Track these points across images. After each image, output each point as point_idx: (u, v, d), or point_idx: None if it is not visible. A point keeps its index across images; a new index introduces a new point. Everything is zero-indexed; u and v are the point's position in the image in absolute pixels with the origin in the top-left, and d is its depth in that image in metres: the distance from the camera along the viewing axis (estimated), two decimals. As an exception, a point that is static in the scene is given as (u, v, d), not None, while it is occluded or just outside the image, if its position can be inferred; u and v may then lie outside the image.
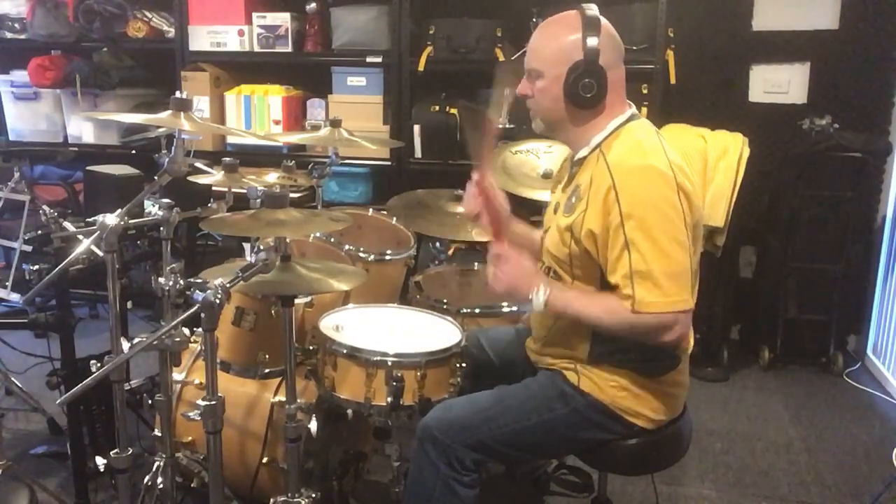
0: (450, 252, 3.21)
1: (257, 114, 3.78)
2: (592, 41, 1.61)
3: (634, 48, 3.27)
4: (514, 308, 2.28)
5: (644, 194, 1.55)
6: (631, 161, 1.60)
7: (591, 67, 1.62)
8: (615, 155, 1.62)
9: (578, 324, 1.69)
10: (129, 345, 1.73)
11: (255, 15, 3.72)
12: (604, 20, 1.66)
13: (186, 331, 1.87)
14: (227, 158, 2.24)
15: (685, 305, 1.55)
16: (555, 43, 1.65)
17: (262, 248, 1.63)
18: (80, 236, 1.88)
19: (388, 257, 2.53)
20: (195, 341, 2.19)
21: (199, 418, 1.61)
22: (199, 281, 1.71)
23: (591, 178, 1.64)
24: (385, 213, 2.78)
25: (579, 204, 1.65)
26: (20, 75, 4.07)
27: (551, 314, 1.69)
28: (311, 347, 1.96)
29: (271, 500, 1.90)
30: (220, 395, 1.61)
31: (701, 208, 1.66)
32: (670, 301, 1.53)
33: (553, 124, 1.73)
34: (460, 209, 2.69)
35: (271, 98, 3.76)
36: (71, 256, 1.84)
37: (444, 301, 2.30)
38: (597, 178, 1.62)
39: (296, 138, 3.41)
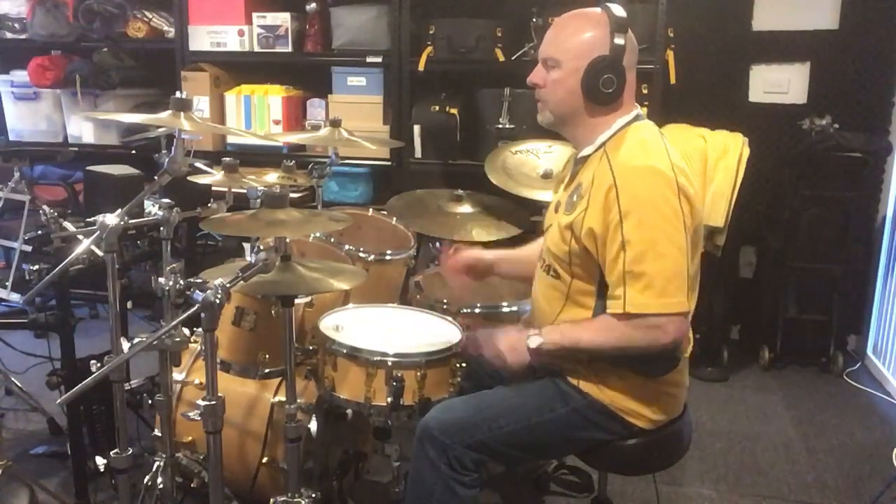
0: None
1: (257, 114, 3.78)
2: (620, 40, 1.64)
3: (634, 48, 3.27)
4: (515, 308, 2.28)
5: (644, 194, 1.56)
6: (633, 161, 1.60)
7: (615, 65, 1.64)
8: (618, 154, 1.63)
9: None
10: (129, 345, 1.73)
11: (255, 15, 3.72)
12: None
13: (186, 331, 1.87)
14: (227, 158, 2.24)
15: (679, 308, 1.55)
16: (579, 36, 1.66)
17: (262, 248, 1.63)
18: (80, 236, 1.89)
19: (388, 257, 2.53)
20: (195, 341, 2.19)
21: (199, 418, 1.61)
22: (199, 281, 1.71)
23: (593, 176, 1.65)
24: (385, 213, 2.78)
25: (580, 202, 1.65)
26: (20, 75, 4.07)
27: (553, 353, 1.68)
28: (311, 347, 1.96)
29: (271, 500, 1.90)
30: (220, 395, 1.61)
31: (702, 212, 1.66)
32: (662, 302, 1.53)
33: (563, 117, 1.72)
34: (460, 210, 2.71)
35: (271, 98, 3.75)
36: (71, 256, 1.84)
37: (444, 301, 2.30)
38: (598, 176, 1.63)
39: (296, 138, 3.41)
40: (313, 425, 1.90)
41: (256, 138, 3.54)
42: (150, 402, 1.99)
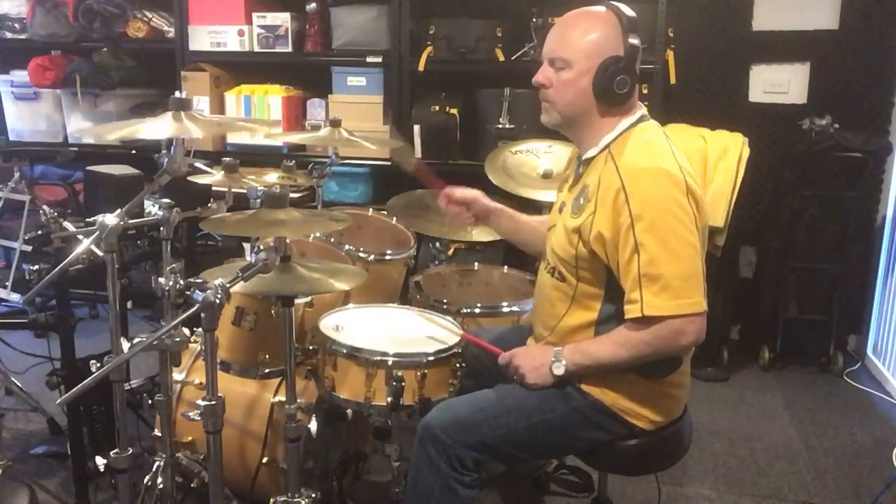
0: (450, 252, 3.21)
1: (257, 114, 3.78)
2: (634, 40, 1.63)
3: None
4: (515, 308, 2.28)
5: (654, 196, 1.55)
6: (640, 163, 1.60)
7: (629, 65, 1.63)
8: (624, 156, 1.63)
9: (580, 325, 1.70)
10: (129, 345, 1.73)
11: (255, 15, 3.72)
12: None
13: (186, 331, 1.87)
14: (227, 158, 2.24)
15: (696, 308, 1.55)
16: (589, 35, 1.64)
17: (262, 248, 1.63)
18: (80, 236, 1.88)
19: (388, 257, 2.53)
20: (195, 341, 2.19)
21: (199, 418, 1.62)
22: (199, 281, 1.71)
23: (600, 179, 1.64)
24: (385, 213, 2.78)
25: (588, 205, 1.65)
26: (20, 75, 4.07)
27: (577, 373, 1.68)
28: (311, 347, 1.96)
29: (271, 500, 1.90)
30: (220, 395, 1.61)
31: (707, 211, 1.66)
32: (679, 304, 1.53)
33: (572, 117, 1.71)
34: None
35: (271, 98, 3.75)
36: (71, 256, 1.84)
37: (444, 301, 2.30)
38: (605, 179, 1.62)
39: (296, 138, 3.40)
40: (313, 425, 1.90)
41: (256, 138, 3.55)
42: (150, 402, 1.99)
